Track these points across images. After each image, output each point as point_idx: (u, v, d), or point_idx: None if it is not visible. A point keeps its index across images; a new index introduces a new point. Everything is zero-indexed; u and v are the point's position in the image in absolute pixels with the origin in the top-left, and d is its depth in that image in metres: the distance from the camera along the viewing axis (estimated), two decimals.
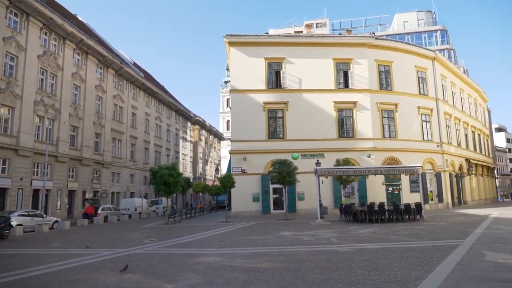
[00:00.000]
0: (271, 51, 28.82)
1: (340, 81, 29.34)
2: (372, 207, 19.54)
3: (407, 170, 21.44)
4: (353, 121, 28.79)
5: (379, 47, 30.24)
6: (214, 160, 71.72)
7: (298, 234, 14.91)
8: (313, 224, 19.07)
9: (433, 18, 59.75)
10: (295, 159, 27.22)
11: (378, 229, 15.63)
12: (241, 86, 28.31)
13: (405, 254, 9.23)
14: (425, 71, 32.60)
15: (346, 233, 14.71)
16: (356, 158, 27.88)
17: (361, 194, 27.89)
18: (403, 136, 29.84)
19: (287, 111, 28.32)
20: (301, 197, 27.38)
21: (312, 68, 28.91)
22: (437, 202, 30.74)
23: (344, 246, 11.24)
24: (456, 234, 12.98)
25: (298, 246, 11.56)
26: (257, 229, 17.83)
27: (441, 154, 32.00)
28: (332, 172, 20.77)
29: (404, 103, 30.32)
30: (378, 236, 13.45)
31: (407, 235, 13.38)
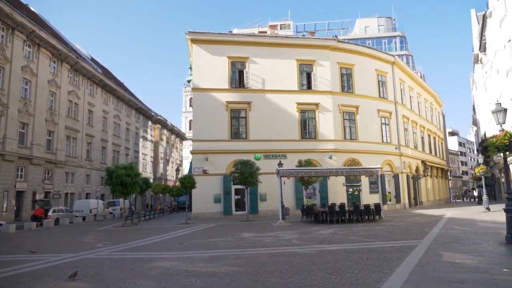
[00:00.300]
0: (235, 50, 28.45)
1: (303, 83, 29.45)
2: (333, 208, 19.63)
3: (367, 171, 21.75)
4: (315, 122, 28.96)
5: (341, 50, 30.67)
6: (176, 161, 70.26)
7: (259, 236, 14.60)
8: (275, 225, 18.87)
9: (392, 24, 61.83)
10: (258, 159, 26.98)
11: (339, 230, 15.65)
12: (204, 84, 27.71)
13: (365, 255, 9.14)
14: (385, 75, 33.45)
15: (307, 234, 14.59)
16: (318, 159, 28.05)
17: (322, 195, 28.09)
18: (363, 138, 30.41)
19: (250, 111, 28.03)
20: (263, 198, 27.17)
21: (275, 68, 28.82)
22: (395, 203, 31.57)
23: (305, 247, 11.04)
24: (414, 234, 13.17)
25: (259, 249, 11.24)
26: (218, 231, 17.38)
27: (399, 156, 32.93)
28: (294, 173, 20.69)
29: (365, 106, 30.92)
30: (338, 237, 13.41)
31: (367, 235, 13.42)
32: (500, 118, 10.42)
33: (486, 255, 8.41)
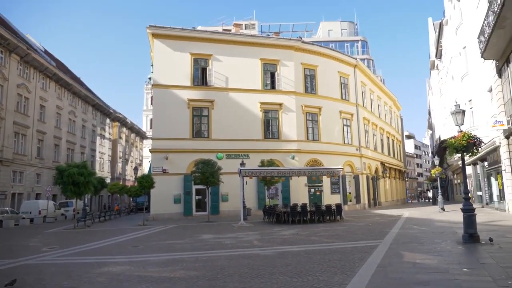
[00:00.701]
0: (198, 46, 27.74)
1: (267, 82, 29.23)
2: (295, 208, 19.47)
3: (329, 171, 21.81)
4: (278, 122, 28.82)
5: (305, 51, 30.74)
6: (136, 160, 68.08)
7: (219, 237, 14.11)
8: (236, 226, 18.45)
9: (355, 29, 63.23)
10: (220, 159, 26.45)
11: (301, 230, 15.46)
12: (165, 81, 26.79)
13: (327, 257, 8.90)
14: (347, 77, 33.93)
15: (269, 235, 14.26)
16: (281, 159, 27.91)
17: (284, 195, 27.98)
18: (325, 139, 30.63)
19: (212, 109, 27.43)
20: (224, 198, 26.65)
21: (239, 67, 28.40)
22: (355, 203, 32.06)
23: (266, 249, 10.68)
24: (374, 234, 13.17)
25: (218, 251, 10.75)
26: (176, 232, 16.72)
27: (360, 157, 33.50)
28: (257, 172, 20.35)
29: (328, 107, 31.17)
30: (300, 237, 13.18)
31: (329, 236, 13.29)
32: (458, 119, 10.56)
33: (445, 254, 8.39)
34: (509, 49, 17.15)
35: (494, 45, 17.46)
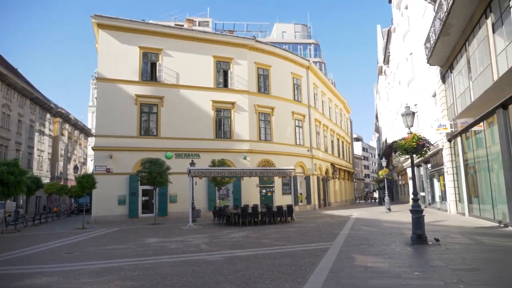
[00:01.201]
0: (148, 40, 26.45)
1: (219, 80, 28.55)
2: (245, 209, 19.00)
3: (280, 172, 21.57)
4: (230, 122, 28.24)
5: (259, 50, 30.44)
6: (80, 159, 64.34)
7: (165, 241, 13.27)
8: (184, 229, 17.65)
9: (308, 32, 64.19)
10: (169, 158, 25.42)
11: (251, 233, 15.00)
12: (110, 74, 25.23)
13: (277, 261, 8.46)
14: (300, 78, 34.10)
15: (218, 238, 13.64)
16: (232, 159, 27.37)
17: (235, 196, 27.47)
18: (277, 140, 30.51)
19: (162, 106, 26.28)
20: (173, 199, 25.61)
21: (191, 63, 27.49)
22: (306, 204, 32.26)
23: (214, 254, 10.06)
24: (325, 236, 13.00)
25: (162, 256, 9.97)
26: (119, 236, 15.59)
27: (311, 158, 33.79)
28: (207, 173, 19.62)
29: (280, 108, 31.09)
30: (250, 240, 12.69)
31: (279, 238, 12.92)
32: (408, 121, 10.59)
33: (395, 257, 8.27)
34: (453, 56, 17.85)
35: (439, 52, 18.11)
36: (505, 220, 12.70)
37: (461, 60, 16.73)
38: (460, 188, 18.51)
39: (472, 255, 8.05)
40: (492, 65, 12.69)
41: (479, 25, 13.87)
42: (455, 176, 19.27)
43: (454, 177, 19.32)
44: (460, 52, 16.73)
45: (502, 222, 12.85)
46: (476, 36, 14.37)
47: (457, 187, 19.17)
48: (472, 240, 10.27)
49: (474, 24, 14.31)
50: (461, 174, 18.18)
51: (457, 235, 11.25)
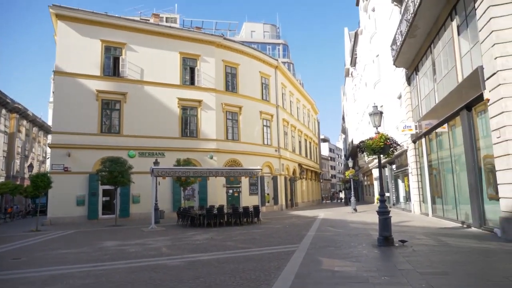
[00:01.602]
0: (110, 33, 25.30)
1: (186, 77, 27.77)
2: (211, 210, 18.44)
3: (247, 172, 21.15)
4: (197, 120, 27.54)
5: (227, 48, 29.91)
6: (38, 157, 61.22)
7: (124, 244, 12.51)
8: (146, 231, 16.88)
9: (277, 32, 64.26)
10: (132, 157, 24.44)
11: (216, 234, 14.49)
12: (70, 68, 23.90)
13: (241, 266, 8.02)
14: (268, 78, 33.86)
15: (181, 241, 13.03)
16: (199, 159, 26.69)
17: (201, 197, 26.82)
18: (245, 139, 30.10)
19: (125, 103, 25.22)
20: (136, 199, 24.63)
21: (156, 59, 26.57)
22: (273, 204, 32.04)
23: (175, 258, 9.48)
24: (291, 237, 12.69)
25: (118, 262, 9.27)
26: (75, 239, 14.63)
27: (278, 158, 33.62)
28: (171, 172, 18.88)
29: (248, 107, 30.70)
30: (214, 242, 12.18)
31: (244, 240, 12.49)
32: (376, 120, 10.44)
33: (362, 260, 8.03)
34: (418, 58, 18.08)
35: (405, 54, 18.29)
36: (467, 221, 12.87)
37: (426, 62, 16.95)
38: (424, 189, 18.80)
39: (439, 257, 7.93)
40: (456, 67, 12.83)
41: (444, 27, 14.03)
42: (419, 177, 19.57)
43: (418, 178, 19.61)
44: (425, 55, 16.94)
45: (465, 222, 13.02)
46: (441, 39, 14.54)
47: (421, 187, 19.47)
48: (437, 241, 10.25)
49: (439, 27, 14.47)
50: (425, 175, 18.45)
51: (422, 236, 11.24)
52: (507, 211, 9.36)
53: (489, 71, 9.89)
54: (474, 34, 11.27)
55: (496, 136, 9.68)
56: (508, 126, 9.16)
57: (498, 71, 9.42)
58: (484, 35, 9.96)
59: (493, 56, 9.57)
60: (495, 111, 9.69)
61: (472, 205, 12.04)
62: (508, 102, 9.22)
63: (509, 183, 9.19)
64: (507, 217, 9.36)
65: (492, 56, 9.60)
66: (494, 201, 10.89)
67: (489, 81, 9.92)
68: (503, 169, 9.44)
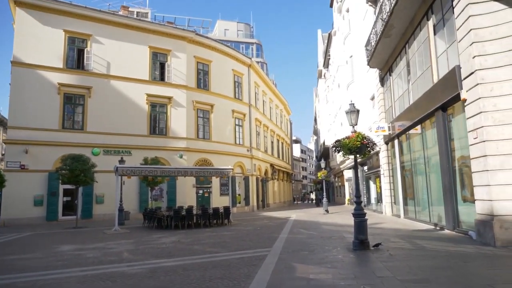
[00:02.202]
0: (75, 24, 23.91)
1: (155, 73, 26.70)
2: (178, 211, 17.59)
3: (218, 172, 20.42)
4: (166, 117, 26.53)
5: (199, 44, 29.07)
6: None
7: (82, 249, 11.52)
8: (108, 233, 15.86)
9: (250, 31, 63.72)
10: (96, 155, 23.21)
11: (184, 237, 13.72)
12: (29, 59, 22.37)
13: (208, 273, 7.34)
14: (241, 76, 33.23)
15: (145, 244, 12.17)
16: (168, 157, 25.71)
17: (170, 197, 25.84)
18: (216, 138, 29.33)
19: (89, 97, 23.91)
20: (99, 200, 23.38)
21: (124, 53, 25.38)
22: (244, 205, 31.41)
23: (135, 264, 8.67)
24: (263, 240, 12.10)
25: (71, 269, 8.36)
26: (29, 243, 13.44)
27: (250, 158, 33.03)
28: (136, 171, 17.86)
29: (220, 105, 29.95)
30: (181, 246, 11.42)
31: (214, 244, 11.78)
32: (353, 119, 10.03)
33: (338, 266, 7.53)
34: (392, 59, 17.96)
35: (379, 54, 18.12)
36: (440, 223, 12.71)
37: (401, 63, 16.82)
38: (396, 190, 18.70)
39: (417, 262, 7.54)
40: (432, 67, 12.65)
41: (420, 27, 13.86)
42: (391, 178, 19.48)
43: (390, 179, 19.52)
44: (400, 55, 16.81)
45: (438, 224, 12.86)
46: (416, 39, 14.38)
47: (392, 189, 19.38)
48: (413, 244, 9.93)
49: (415, 26, 14.30)
50: (397, 177, 18.35)
51: (397, 239, 10.92)
52: (483, 213, 9.14)
53: (466, 70, 9.66)
54: (451, 33, 11.09)
55: (473, 137, 9.45)
56: (486, 127, 8.94)
57: (476, 70, 9.19)
58: (462, 34, 9.73)
59: (471, 55, 9.35)
60: (472, 112, 9.47)
61: (445, 207, 11.85)
62: (486, 102, 9.01)
63: (485, 185, 8.96)
64: (483, 220, 9.14)
65: (470, 55, 9.37)
66: (468, 203, 10.72)
67: (467, 81, 9.70)
68: (479, 170, 9.22)
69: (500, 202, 8.61)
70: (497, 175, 8.72)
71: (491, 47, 9.08)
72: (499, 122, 8.84)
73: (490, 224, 8.72)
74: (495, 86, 8.97)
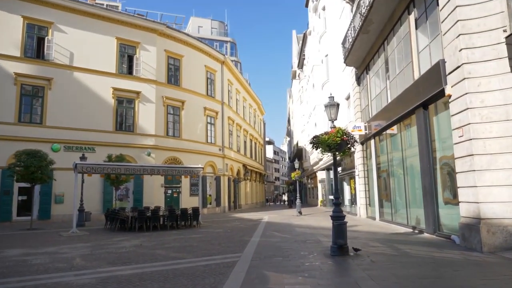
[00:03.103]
0: (35, 10, 22.21)
1: (123, 66, 25.28)
2: (143, 212, 16.39)
3: (187, 171, 19.34)
4: (134, 113, 25.15)
5: (170, 38, 27.82)
6: None
7: (30, 253, 10.25)
8: (65, 236, 14.54)
9: (225, 29, 62.68)
10: (56, 151, 21.65)
11: (147, 240, 12.61)
12: None
13: (168, 285, 6.36)
14: (214, 73, 32.19)
15: (103, 248, 11.00)
16: (135, 155, 24.36)
17: (136, 197, 24.48)
18: (187, 136, 28.16)
19: (50, 90, 22.26)
20: (59, 199, 21.78)
21: (89, 43, 23.85)
22: (215, 206, 30.35)
23: (86, 273, 7.55)
24: (233, 244, 11.18)
25: (8, 279, 7.17)
26: None
27: (222, 158, 32.02)
28: (98, 168, 16.51)
29: (192, 102, 28.81)
30: (143, 251, 10.33)
31: (179, 248, 10.76)
32: (332, 113, 9.30)
33: (317, 274, 6.72)
34: (370, 57, 17.49)
35: (356, 51, 17.61)
36: (419, 226, 12.20)
37: (379, 60, 16.34)
38: (371, 191, 18.22)
39: (403, 271, 6.82)
40: (413, 63, 12.13)
41: (400, 22, 13.36)
42: (366, 179, 19.00)
43: (365, 180, 19.04)
44: (378, 52, 16.32)
45: (417, 228, 12.34)
46: (396, 34, 13.88)
47: (367, 190, 18.90)
48: (394, 249, 9.27)
49: (394, 22, 13.80)
50: (373, 178, 17.86)
51: (376, 243, 10.26)
52: (468, 216, 8.59)
53: (452, 64, 9.12)
54: (434, 27, 10.57)
55: (458, 135, 8.90)
56: (472, 124, 8.39)
57: (463, 64, 8.64)
58: (448, 26, 9.19)
59: (457, 48, 8.80)
60: (457, 108, 8.92)
61: (425, 210, 11.32)
62: (473, 97, 8.47)
63: (471, 186, 8.41)
64: (468, 223, 8.59)
65: (456, 48, 8.82)
66: (450, 206, 10.22)
67: (452, 76, 9.15)
68: (464, 171, 8.67)
69: (487, 205, 8.06)
70: (484, 176, 8.18)
71: (478, 40, 8.56)
72: (486, 119, 8.31)
73: (476, 228, 8.16)
74: (483, 81, 8.44)
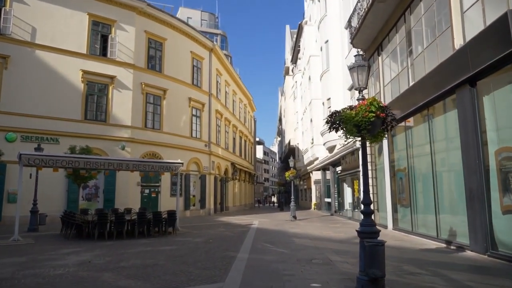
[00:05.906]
0: None
1: (95, 46, 22.07)
2: (105, 216, 13.28)
3: (164, 166, 16.25)
4: (107, 100, 21.96)
5: (152, 18, 24.72)
6: None
7: None
8: (2, 245, 11.39)
9: (215, 22, 59.64)
10: (11, 141, 18.42)
11: (102, 254, 9.59)
12: None
13: None
14: (201, 61, 29.16)
15: (34, 268, 7.94)
16: (106, 149, 21.19)
17: (108, 197, 21.29)
18: (169, 129, 25.05)
19: (5, 69, 18.97)
20: (12, 198, 18.45)
21: (56, 18, 20.64)
22: (199, 208, 27.27)
23: None
24: (212, 264, 8.20)
25: None
26: None
27: (209, 155, 28.98)
28: (49, 161, 13.23)
29: (175, 91, 25.73)
30: (85, 273, 7.31)
31: (138, 269, 7.75)
32: (360, 79, 6.37)
33: None
34: (383, 35, 14.73)
35: (367, 27, 14.84)
36: (457, 240, 9.39)
37: (396, 36, 13.54)
38: (381, 194, 15.41)
39: None
40: (453, 28, 9.31)
41: None
42: (375, 180, 16.20)
43: (373, 181, 16.22)
44: (396, 26, 13.53)
45: (453, 243, 9.53)
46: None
47: (376, 193, 16.08)
48: (446, 280, 6.42)
49: None
50: (384, 179, 15.06)
51: (413, 267, 7.41)
52: None
53: None
54: None
55: None
56: None
57: None
58: None
59: None
60: None
61: (471, 220, 8.51)
62: None
63: None
64: None
65: None
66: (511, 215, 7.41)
67: None
68: None
69: None
70: None
71: None
72: None
73: None
74: None
